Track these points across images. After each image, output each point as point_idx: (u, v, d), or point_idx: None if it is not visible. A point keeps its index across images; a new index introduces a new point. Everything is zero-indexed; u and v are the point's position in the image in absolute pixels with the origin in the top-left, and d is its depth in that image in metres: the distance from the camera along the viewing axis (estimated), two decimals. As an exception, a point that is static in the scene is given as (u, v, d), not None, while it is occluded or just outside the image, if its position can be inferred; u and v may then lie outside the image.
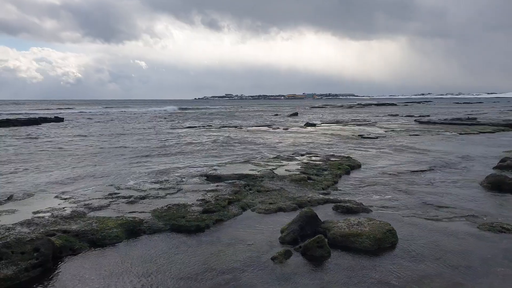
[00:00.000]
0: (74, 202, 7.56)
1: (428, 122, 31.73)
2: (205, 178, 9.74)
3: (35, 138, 21.89)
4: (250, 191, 8.56)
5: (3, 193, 8.53)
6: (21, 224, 6.14)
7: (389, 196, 8.37)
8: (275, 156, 13.53)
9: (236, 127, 30.57)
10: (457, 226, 6.44)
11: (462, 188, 9.09)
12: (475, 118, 33.72)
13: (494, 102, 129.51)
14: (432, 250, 5.47)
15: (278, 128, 28.87)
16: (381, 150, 15.78)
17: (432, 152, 14.85)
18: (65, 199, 7.90)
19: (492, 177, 9.36)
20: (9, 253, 4.67)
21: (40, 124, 32.36)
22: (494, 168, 11.45)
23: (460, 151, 15.02)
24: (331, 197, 8.15)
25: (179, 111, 68.90)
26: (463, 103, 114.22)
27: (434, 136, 21.06)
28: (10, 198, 7.92)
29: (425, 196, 8.34)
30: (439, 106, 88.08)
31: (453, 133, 22.74)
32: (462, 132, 22.94)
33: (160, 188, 8.69)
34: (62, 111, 63.48)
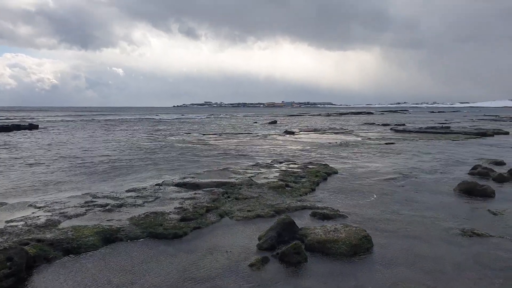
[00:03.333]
0: (49, 211, 7.40)
1: (404, 131, 32.59)
2: (183, 186, 9.71)
3: (9, 145, 21.26)
4: (229, 199, 8.59)
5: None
6: (-7, 233, 5.98)
7: (365, 203, 8.56)
8: (253, 163, 13.62)
9: (215, 134, 30.54)
10: (431, 232, 6.66)
11: (435, 195, 9.40)
12: (448, 127, 34.86)
13: (467, 111, 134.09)
14: (406, 256, 5.63)
15: (257, 135, 29.02)
16: (358, 157, 16.10)
17: (407, 160, 15.26)
18: (40, 207, 7.72)
19: (464, 184, 9.73)
20: (-19, 263, 4.56)
21: (12, 131, 31.43)
22: (466, 174, 11.89)
23: (433, 159, 15.51)
24: (309, 204, 8.28)
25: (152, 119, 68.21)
26: (438, 112, 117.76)
27: (409, 144, 21.64)
28: (-19, 207, 7.69)
29: (399, 203, 8.58)
30: (415, 115, 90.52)
31: (427, 141, 23.44)
32: (436, 140, 23.68)
33: (137, 196, 8.62)
34: (46, 117, 61.78)
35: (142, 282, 4.81)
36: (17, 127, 33.88)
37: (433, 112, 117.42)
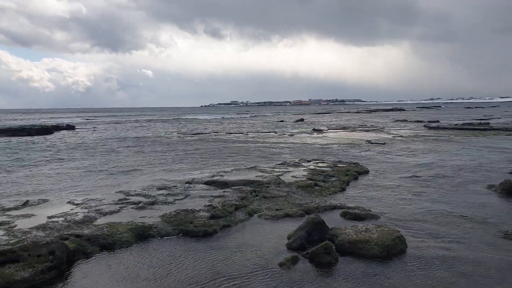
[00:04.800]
0: (86, 208, 7.71)
1: (438, 128, 31.53)
2: (212, 184, 9.85)
3: (49, 145, 22.26)
4: (257, 197, 8.64)
5: (20, 199, 8.75)
6: (37, 228, 6.30)
7: (398, 202, 8.37)
8: (281, 162, 13.62)
9: (242, 133, 30.72)
10: (469, 234, 6.39)
11: (474, 194, 9.03)
12: (487, 123, 33.31)
13: (509, 106, 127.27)
14: (443, 258, 5.43)
15: (284, 134, 28.95)
16: (390, 156, 15.77)
17: (443, 158, 14.80)
18: (78, 204, 8.06)
19: (507, 183, 9.20)
20: (26, 255, 4.82)
21: (52, 132, 32.86)
22: (508, 173, 11.33)
23: (471, 157, 14.93)
24: (339, 204, 8.19)
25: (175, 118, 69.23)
26: (475, 107, 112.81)
27: (444, 142, 20.95)
28: (26, 203, 8.12)
29: (435, 203, 8.32)
30: (449, 111, 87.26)
31: (464, 138, 22.61)
32: (474, 137, 22.79)
33: (168, 194, 8.81)
34: (92, 119, 64.18)
35: (173, 277, 4.93)
36: (56, 128, 35.41)
37: (469, 107, 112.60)
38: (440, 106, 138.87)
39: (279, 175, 10.88)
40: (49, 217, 7.02)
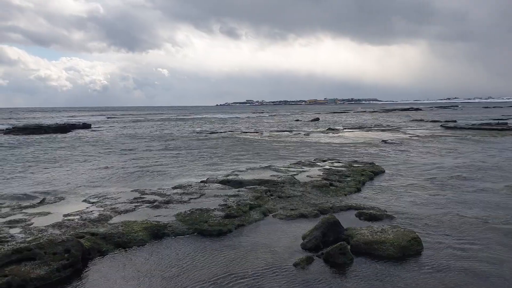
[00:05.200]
0: (101, 206, 7.79)
1: (455, 128, 30.92)
2: (226, 183, 9.84)
3: (65, 144, 22.64)
4: (271, 197, 8.59)
5: (36, 196, 8.90)
6: (53, 226, 6.39)
7: (414, 203, 8.22)
8: (296, 161, 13.52)
9: (256, 132, 30.69)
10: (487, 235, 6.25)
11: (492, 195, 8.82)
12: (506, 123, 32.56)
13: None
14: (461, 259, 5.32)
15: (299, 133, 28.80)
16: (406, 156, 15.51)
17: (460, 158, 14.49)
18: (93, 203, 8.16)
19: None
20: (42, 253, 4.88)
21: (68, 130, 33.44)
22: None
23: (489, 157, 14.59)
24: (354, 204, 8.08)
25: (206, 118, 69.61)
26: (493, 107, 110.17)
27: (462, 142, 20.52)
28: (42, 201, 8.25)
29: (452, 203, 8.15)
30: (467, 111, 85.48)
31: (482, 138, 22.10)
32: (492, 138, 22.26)
33: (183, 193, 8.84)
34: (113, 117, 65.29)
35: (187, 276, 4.92)
36: (73, 127, 36.02)
37: (487, 107, 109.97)
38: (457, 106, 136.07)
39: (294, 174, 10.79)
40: (64, 215, 7.12)
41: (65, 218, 6.90)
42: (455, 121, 38.80)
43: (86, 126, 37.83)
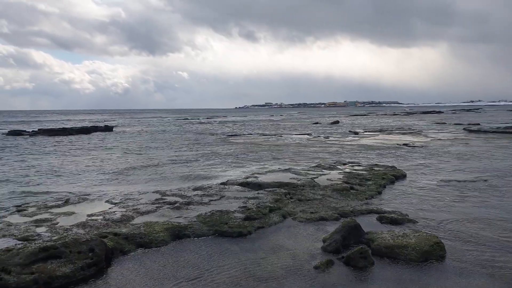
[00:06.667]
0: (123, 207, 7.94)
1: (479, 131, 30.12)
2: (246, 185, 9.88)
3: (87, 145, 23.18)
4: (291, 200, 8.57)
5: (61, 197, 9.15)
6: (77, 225, 6.57)
7: (437, 207, 8.06)
8: (316, 164, 13.45)
9: (276, 135, 30.67)
10: (512, 241, 6.09)
11: (517, 201, 8.58)
12: (531, 126, 31.54)
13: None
14: (485, 266, 5.20)
15: (319, 136, 28.63)
16: (428, 159, 15.21)
17: (484, 162, 14.11)
18: (115, 203, 8.32)
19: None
20: (68, 252, 5.02)
21: (90, 132, 34.28)
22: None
23: (514, 162, 14.15)
24: (375, 208, 7.98)
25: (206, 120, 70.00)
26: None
27: (485, 145, 19.98)
28: (66, 201, 8.47)
29: (476, 208, 7.96)
30: (491, 113, 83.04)
31: (506, 142, 21.46)
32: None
33: (203, 195, 8.92)
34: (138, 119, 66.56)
35: (207, 277, 4.97)
36: (95, 129, 36.90)
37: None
38: (481, 109, 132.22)
39: (314, 177, 10.75)
40: (88, 215, 7.29)
41: (89, 218, 7.07)
42: (478, 124, 37.80)
43: (108, 128, 38.64)
